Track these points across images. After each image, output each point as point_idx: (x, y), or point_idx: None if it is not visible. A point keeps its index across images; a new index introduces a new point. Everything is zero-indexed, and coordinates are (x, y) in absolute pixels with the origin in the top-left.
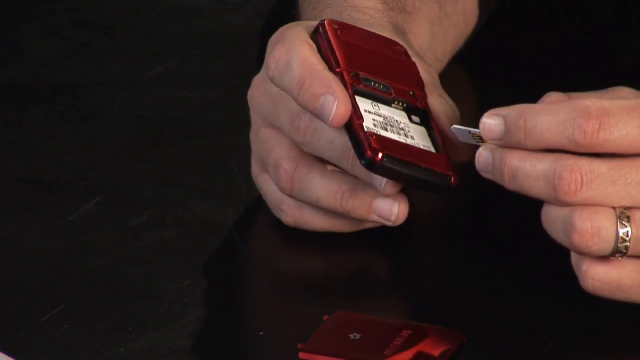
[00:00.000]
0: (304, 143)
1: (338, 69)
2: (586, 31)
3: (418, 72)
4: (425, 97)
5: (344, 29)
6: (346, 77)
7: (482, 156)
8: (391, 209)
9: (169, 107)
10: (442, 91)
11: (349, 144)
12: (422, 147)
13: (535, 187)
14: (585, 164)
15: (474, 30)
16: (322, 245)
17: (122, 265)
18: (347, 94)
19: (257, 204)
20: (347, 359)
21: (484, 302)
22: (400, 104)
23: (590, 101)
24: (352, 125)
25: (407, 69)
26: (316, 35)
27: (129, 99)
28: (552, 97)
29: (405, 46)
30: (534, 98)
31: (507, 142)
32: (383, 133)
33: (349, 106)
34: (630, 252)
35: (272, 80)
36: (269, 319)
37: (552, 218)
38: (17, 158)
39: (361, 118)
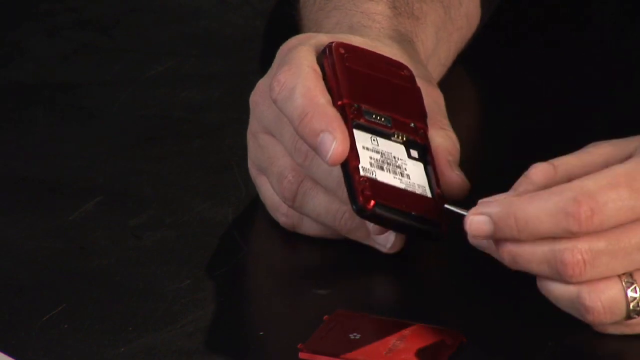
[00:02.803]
0: (303, 166)
1: (340, 102)
2: (586, 32)
3: (422, 101)
4: (426, 129)
5: (351, 53)
6: (347, 112)
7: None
8: (387, 236)
9: (169, 107)
10: (445, 122)
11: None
12: (416, 188)
13: (539, 270)
14: (584, 244)
15: (475, 33)
16: (322, 245)
17: (122, 265)
18: (346, 133)
19: (257, 204)
20: (347, 359)
21: (484, 302)
22: (400, 137)
23: (575, 188)
24: (348, 167)
25: (411, 98)
26: (323, 57)
27: (129, 99)
28: (538, 170)
29: (412, 67)
30: (534, 98)
31: (499, 238)
32: (378, 174)
33: (347, 147)
34: None
35: (274, 103)
36: (269, 319)
37: (559, 295)
38: (17, 158)
39: (357, 159)
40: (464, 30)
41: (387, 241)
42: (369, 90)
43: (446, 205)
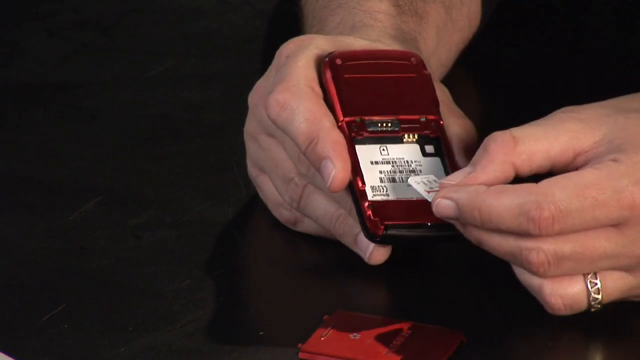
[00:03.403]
0: (307, 175)
1: (340, 123)
2: (585, 32)
3: (433, 88)
4: (438, 118)
5: (350, 60)
6: (348, 132)
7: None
8: (368, 247)
9: (169, 107)
10: (456, 110)
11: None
12: (433, 187)
13: (504, 258)
14: (550, 246)
15: (475, 34)
16: (322, 245)
17: (122, 265)
18: (347, 160)
19: (257, 204)
20: (347, 359)
21: (484, 302)
22: (412, 136)
23: (541, 193)
24: (355, 191)
25: (420, 88)
26: (322, 73)
27: (129, 99)
28: (497, 144)
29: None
30: (534, 98)
31: (464, 222)
32: (390, 188)
33: (347, 174)
34: (605, 302)
35: (274, 122)
36: (269, 319)
37: (523, 281)
38: (17, 158)
39: (363, 182)
40: (465, 31)
41: (366, 252)
42: (372, 97)
43: (409, 180)
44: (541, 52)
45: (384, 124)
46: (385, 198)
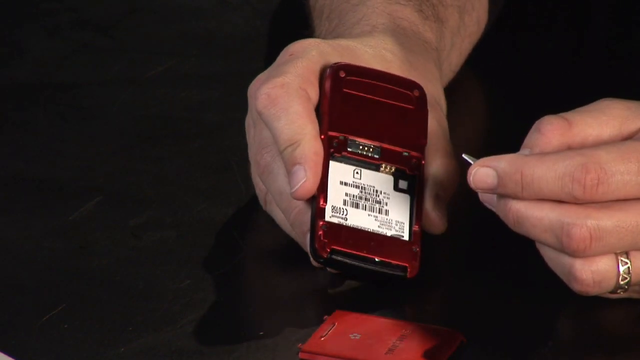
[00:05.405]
0: (261, 178)
1: (323, 136)
2: (586, 36)
3: (425, 125)
4: (422, 157)
5: (353, 75)
6: (327, 147)
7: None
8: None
9: (169, 107)
10: (448, 148)
11: (294, 203)
12: (393, 225)
13: (541, 237)
14: (593, 221)
15: (481, 38)
16: None
17: (122, 265)
18: (319, 173)
19: (257, 204)
20: (347, 359)
21: (484, 302)
22: (389, 168)
23: (586, 155)
24: (315, 207)
25: (412, 122)
26: (323, 75)
27: (129, 99)
28: (553, 126)
29: (429, 80)
30: (535, 98)
31: (501, 193)
32: (351, 213)
33: (314, 187)
34: (632, 283)
35: (259, 114)
36: (269, 319)
37: (552, 258)
38: (17, 158)
39: (325, 200)
40: (474, 36)
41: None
42: (362, 117)
43: (463, 155)
44: (541, 52)
45: (366, 148)
46: (342, 222)
